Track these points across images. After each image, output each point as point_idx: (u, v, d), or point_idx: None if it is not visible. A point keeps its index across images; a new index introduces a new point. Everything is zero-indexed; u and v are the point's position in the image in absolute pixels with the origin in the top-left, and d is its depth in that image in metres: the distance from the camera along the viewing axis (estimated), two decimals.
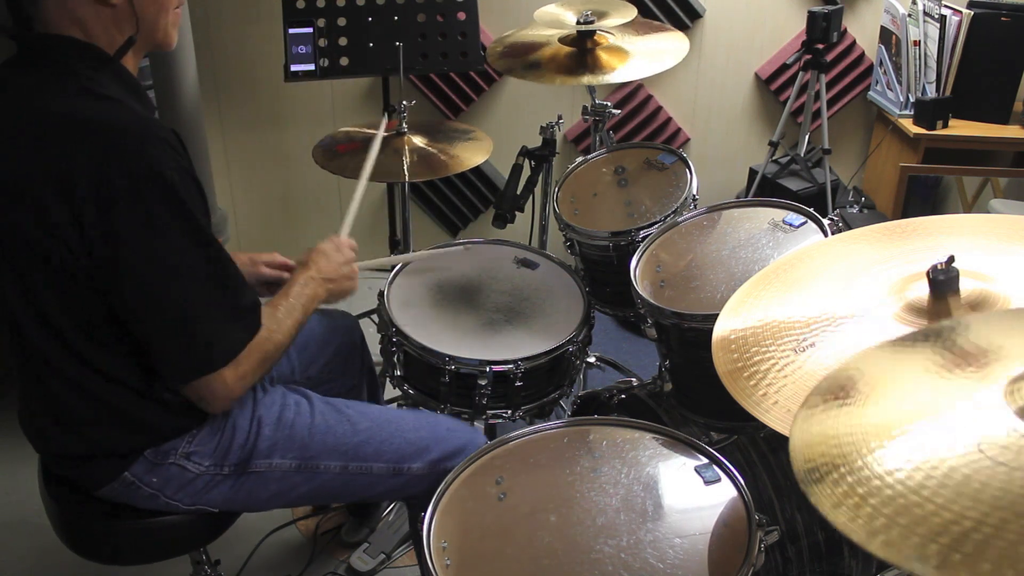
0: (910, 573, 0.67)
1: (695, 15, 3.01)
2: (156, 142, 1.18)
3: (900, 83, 2.92)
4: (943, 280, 1.04)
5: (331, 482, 1.47)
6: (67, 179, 1.15)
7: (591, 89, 2.39)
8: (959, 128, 2.84)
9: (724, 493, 1.23)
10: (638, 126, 3.16)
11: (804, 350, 1.10)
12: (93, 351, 1.26)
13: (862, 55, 3.11)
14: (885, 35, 2.98)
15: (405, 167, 2.05)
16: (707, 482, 1.25)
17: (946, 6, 2.78)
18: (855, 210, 3.01)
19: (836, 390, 0.88)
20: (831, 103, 3.10)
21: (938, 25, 2.77)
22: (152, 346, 1.26)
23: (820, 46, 2.77)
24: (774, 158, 3.02)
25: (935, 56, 2.81)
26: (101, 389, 1.29)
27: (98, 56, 1.24)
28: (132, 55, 1.29)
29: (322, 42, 2.37)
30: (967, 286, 1.06)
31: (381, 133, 1.90)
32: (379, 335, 1.78)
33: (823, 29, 2.73)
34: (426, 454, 1.50)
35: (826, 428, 0.83)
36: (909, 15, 2.84)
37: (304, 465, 1.45)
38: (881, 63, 3.02)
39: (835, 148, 3.11)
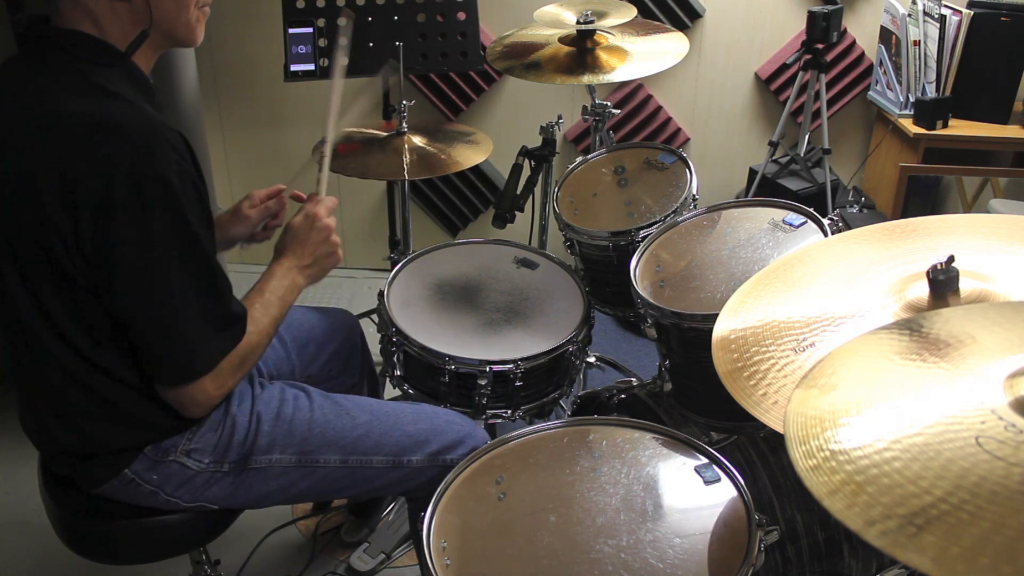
0: (910, 570, 0.67)
1: (695, 15, 3.01)
2: (162, 144, 1.17)
3: (900, 83, 2.92)
4: (943, 280, 1.04)
5: (331, 476, 1.47)
6: (70, 179, 1.15)
7: (591, 89, 2.39)
8: (959, 128, 2.84)
9: (724, 493, 1.23)
10: (638, 126, 3.16)
11: (804, 350, 1.10)
12: (94, 349, 1.26)
13: (862, 55, 3.11)
14: (885, 35, 2.98)
15: (404, 166, 2.05)
16: (707, 482, 1.25)
17: (946, 6, 2.78)
18: (855, 210, 3.01)
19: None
20: (831, 103, 3.10)
21: (938, 25, 2.77)
22: (141, 350, 1.26)
23: (820, 46, 2.77)
24: (774, 158, 3.02)
25: (935, 56, 2.81)
26: (102, 386, 1.29)
27: (111, 53, 1.24)
28: (147, 51, 1.29)
29: (322, 42, 2.37)
30: (967, 286, 1.06)
31: (338, 80, 1.69)
32: (379, 335, 1.78)
33: (823, 29, 2.73)
34: (425, 447, 1.50)
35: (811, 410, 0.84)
36: (909, 15, 2.84)
37: (304, 460, 1.45)
38: (881, 63, 3.03)
39: (835, 148, 3.11)
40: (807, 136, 2.97)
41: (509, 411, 1.70)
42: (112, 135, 1.15)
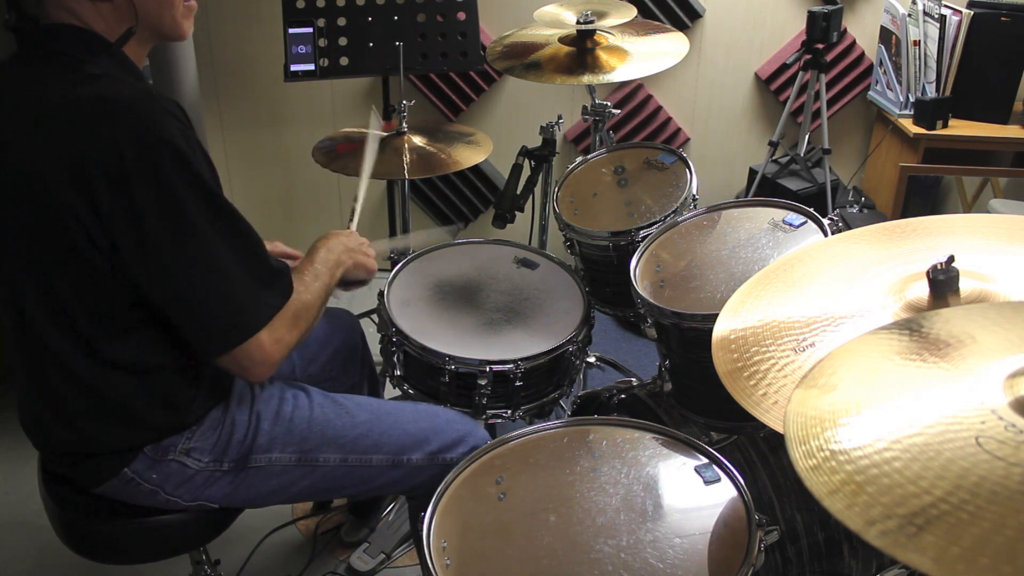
0: (910, 570, 0.67)
1: (695, 15, 3.01)
2: (160, 112, 1.18)
3: (900, 83, 2.92)
4: (943, 280, 1.04)
5: (330, 475, 1.47)
6: (78, 164, 1.15)
7: (591, 89, 2.39)
8: (959, 128, 2.84)
9: (724, 493, 1.23)
10: (638, 126, 3.16)
11: (804, 350, 1.10)
12: (103, 342, 1.26)
13: (862, 55, 3.11)
14: (885, 35, 2.98)
15: (404, 166, 2.05)
16: (707, 482, 1.25)
17: (946, 6, 2.78)
18: (855, 210, 3.01)
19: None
20: (831, 103, 3.10)
21: (938, 25, 2.77)
22: (186, 320, 1.25)
23: (820, 46, 2.77)
24: (774, 158, 3.02)
25: (935, 56, 2.81)
26: (103, 384, 1.29)
27: (99, 42, 1.24)
28: (136, 46, 1.29)
29: (322, 42, 2.38)
30: (967, 286, 1.06)
31: (376, 132, 1.90)
32: (379, 335, 1.78)
33: (823, 29, 2.73)
34: (425, 445, 1.50)
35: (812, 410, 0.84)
36: (909, 15, 2.84)
37: (303, 459, 1.45)
38: (881, 63, 3.03)
39: (835, 148, 3.12)
40: (807, 136, 2.97)
41: (509, 411, 1.70)
42: (112, 110, 1.16)
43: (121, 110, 1.16)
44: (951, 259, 1.04)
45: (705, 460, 1.29)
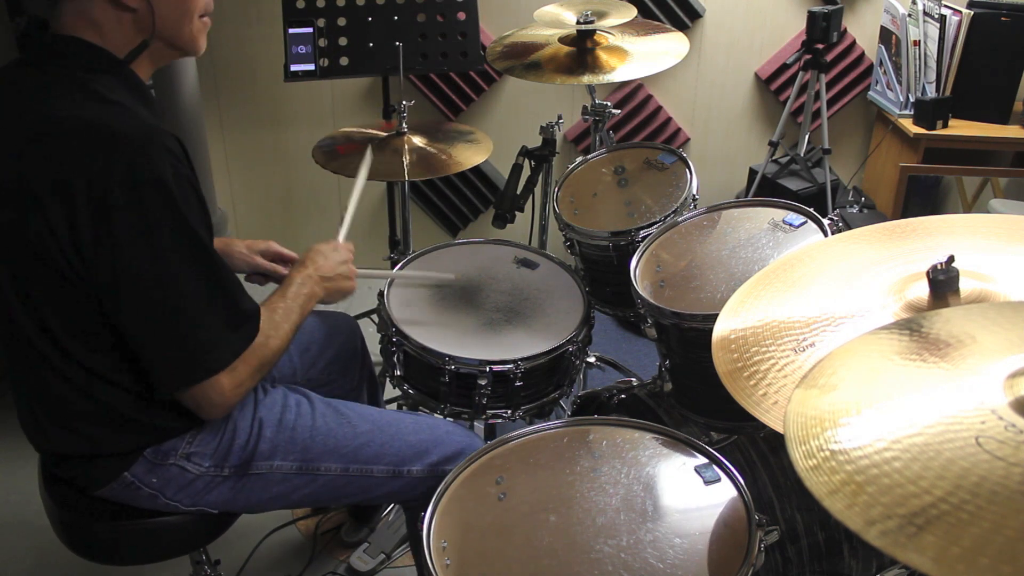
0: (910, 570, 0.67)
1: (695, 15, 3.01)
2: (158, 149, 1.17)
3: (900, 83, 2.92)
4: (943, 280, 1.04)
5: (331, 484, 1.47)
6: (67, 182, 1.14)
7: (591, 89, 2.39)
8: (959, 128, 2.84)
9: (724, 493, 1.23)
10: (638, 126, 3.16)
11: (804, 350, 1.10)
12: (89, 355, 1.26)
13: (862, 55, 3.11)
14: (885, 35, 2.98)
15: (404, 166, 2.05)
16: (707, 482, 1.25)
17: (946, 6, 2.78)
18: (855, 210, 3.01)
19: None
20: (831, 103, 3.10)
21: (938, 25, 2.78)
22: (146, 353, 1.25)
23: (820, 46, 2.77)
24: (774, 158, 3.02)
25: (935, 56, 2.81)
26: (100, 390, 1.29)
27: (108, 60, 1.24)
28: (147, 60, 1.29)
29: (322, 42, 2.38)
30: (967, 286, 1.06)
31: (367, 159, 1.85)
32: (379, 335, 1.78)
33: (823, 29, 2.73)
34: (426, 457, 1.50)
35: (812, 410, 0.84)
36: (909, 15, 2.84)
37: (305, 467, 1.45)
38: (881, 63, 3.03)
39: (835, 148, 3.12)
40: (807, 136, 2.97)
41: (509, 411, 1.70)
42: (107, 140, 1.15)
43: (119, 140, 1.15)
44: (951, 259, 1.04)
45: (705, 460, 1.29)
